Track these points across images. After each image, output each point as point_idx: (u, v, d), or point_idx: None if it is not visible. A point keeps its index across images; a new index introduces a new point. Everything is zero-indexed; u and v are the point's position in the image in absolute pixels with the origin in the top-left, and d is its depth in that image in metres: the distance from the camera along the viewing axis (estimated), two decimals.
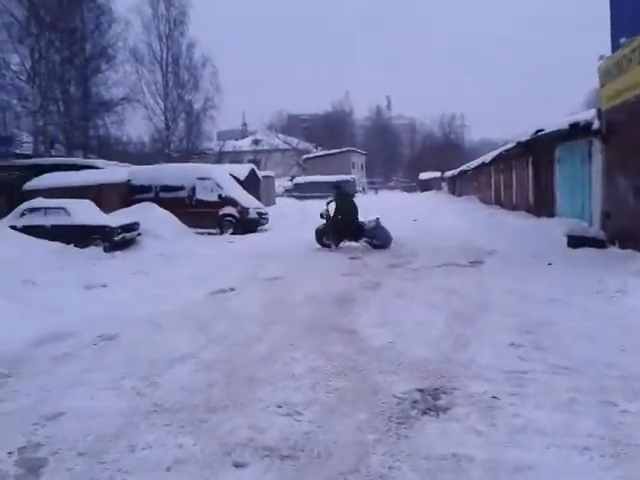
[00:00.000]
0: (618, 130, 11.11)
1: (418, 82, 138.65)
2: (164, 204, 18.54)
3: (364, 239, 14.07)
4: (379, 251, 13.26)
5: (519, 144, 18.20)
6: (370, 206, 33.04)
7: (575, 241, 11.40)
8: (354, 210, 14.36)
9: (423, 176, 68.99)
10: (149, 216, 17.01)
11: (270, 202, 29.56)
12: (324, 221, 14.45)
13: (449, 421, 3.90)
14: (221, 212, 19.15)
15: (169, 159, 37.44)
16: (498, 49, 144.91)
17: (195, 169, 20.61)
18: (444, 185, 64.32)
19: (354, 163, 65.03)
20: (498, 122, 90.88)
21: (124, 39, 36.83)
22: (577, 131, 12.85)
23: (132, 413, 4.18)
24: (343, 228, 14.16)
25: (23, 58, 30.40)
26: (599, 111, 11.93)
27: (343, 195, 14.73)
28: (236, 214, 19.18)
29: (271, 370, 5.01)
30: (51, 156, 29.90)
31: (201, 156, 43.77)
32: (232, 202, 19.29)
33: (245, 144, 68.76)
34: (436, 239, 15.16)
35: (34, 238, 14.19)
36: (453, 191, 53.75)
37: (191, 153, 42.22)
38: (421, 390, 4.42)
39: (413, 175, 76.12)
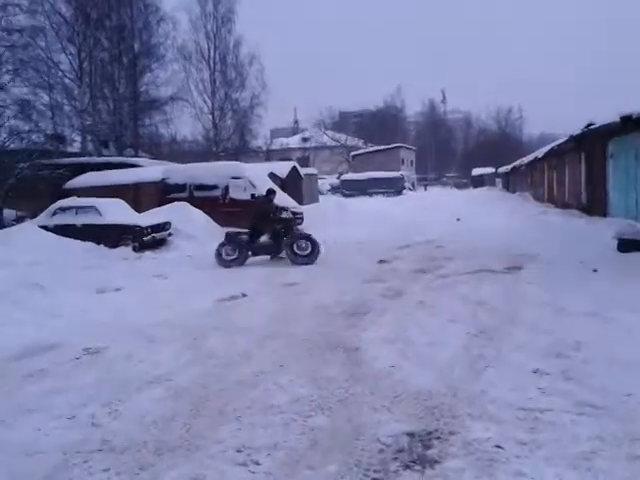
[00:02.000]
0: None
1: (476, 75, 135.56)
2: (198, 203, 18.22)
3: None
4: (411, 254, 12.45)
5: (571, 138, 16.95)
6: (416, 203, 32.28)
7: (626, 245, 10.32)
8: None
9: (476, 172, 66.83)
10: (181, 215, 16.73)
11: (313, 200, 28.88)
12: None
13: (436, 479, 3.19)
14: None
15: (217, 158, 37.45)
16: (563, 37, 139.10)
17: (229, 168, 20.15)
18: (498, 181, 62.15)
19: (403, 159, 63.70)
20: (560, 116, 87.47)
21: (173, 37, 37.13)
22: (630, 124, 11.67)
23: (74, 451, 3.65)
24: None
25: (71, 57, 30.90)
26: None
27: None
28: None
29: (247, 400, 4.38)
30: (100, 155, 30.31)
31: (249, 154, 43.65)
32: None
33: (294, 141, 68.50)
34: (476, 241, 14.22)
35: (63, 238, 14.12)
36: (507, 187, 51.83)
37: (239, 152, 42.09)
38: (411, 434, 3.70)
39: (466, 171, 74.00)
